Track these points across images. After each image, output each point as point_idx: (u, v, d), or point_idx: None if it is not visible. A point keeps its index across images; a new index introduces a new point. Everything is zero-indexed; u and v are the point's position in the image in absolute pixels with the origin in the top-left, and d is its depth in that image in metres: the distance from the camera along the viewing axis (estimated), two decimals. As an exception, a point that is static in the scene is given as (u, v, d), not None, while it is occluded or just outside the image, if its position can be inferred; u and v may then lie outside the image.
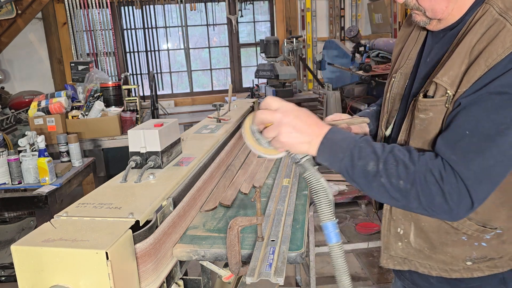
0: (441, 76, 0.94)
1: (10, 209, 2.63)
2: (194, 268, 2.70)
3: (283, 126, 0.92)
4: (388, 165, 0.89)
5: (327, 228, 0.94)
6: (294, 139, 0.93)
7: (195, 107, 5.64)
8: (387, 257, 1.15)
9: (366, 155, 0.91)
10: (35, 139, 2.43)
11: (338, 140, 0.94)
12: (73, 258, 0.80)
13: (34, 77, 5.19)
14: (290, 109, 0.94)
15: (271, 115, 0.93)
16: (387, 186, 0.90)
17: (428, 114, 0.96)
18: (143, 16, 5.41)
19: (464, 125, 0.89)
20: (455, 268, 1.06)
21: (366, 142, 0.93)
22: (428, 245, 1.07)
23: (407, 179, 0.88)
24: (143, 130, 1.26)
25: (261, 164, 1.81)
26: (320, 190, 0.94)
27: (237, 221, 1.01)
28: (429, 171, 0.88)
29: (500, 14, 0.91)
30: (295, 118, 0.93)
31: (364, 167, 0.91)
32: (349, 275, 0.93)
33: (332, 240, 0.93)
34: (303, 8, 5.65)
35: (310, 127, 0.94)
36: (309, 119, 0.95)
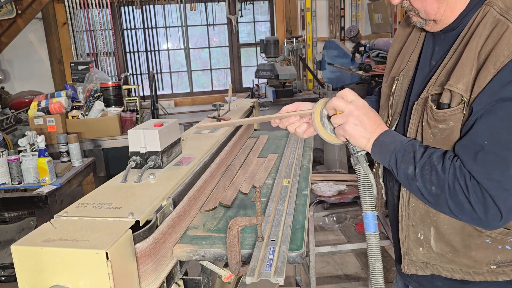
0: (455, 84, 0.94)
1: (10, 209, 2.62)
2: (194, 268, 2.70)
3: (351, 117, 1.01)
4: (424, 171, 0.95)
5: (367, 217, 1.05)
6: (357, 132, 1.02)
7: (195, 107, 5.64)
8: (408, 263, 1.13)
9: (408, 159, 0.98)
10: (35, 139, 2.43)
11: (387, 142, 1.02)
12: (73, 258, 0.80)
13: (34, 77, 5.19)
14: (362, 105, 1.02)
15: (345, 104, 1.02)
16: (423, 190, 0.96)
17: (448, 124, 0.97)
18: (143, 16, 5.41)
19: (482, 135, 0.89)
20: (479, 271, 1.04)
21: (411, 146, 0.99)
22: (450, 249, 1.06)
23: (438, 186, 0.93)
24: (143, 130, 1.26)
25: (261, 164, 1.81)
26: (366, 184, 1.05)
27: (237, 221, 1.01)
28: (457, 179, 0.91)
29: (502, 15, 0.90)
30: (364, 114, 1.01)
31: (405, 170, 0.98)
32: (382, 264, 1.03)
33: (370, 229, 1.04)
34: (303, 8, 5.65)
35: (374, 126, 1.03)
36: (375, 118, 1.04)
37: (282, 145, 2.10)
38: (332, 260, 3.19)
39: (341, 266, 3.12)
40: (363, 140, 1.02)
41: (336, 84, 4.71)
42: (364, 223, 1.05)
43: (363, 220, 1.05)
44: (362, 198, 1.05)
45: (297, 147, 2.00)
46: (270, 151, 2.02)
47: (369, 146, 1.03)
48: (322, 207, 3.82)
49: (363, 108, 1.02)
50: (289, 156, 1.87)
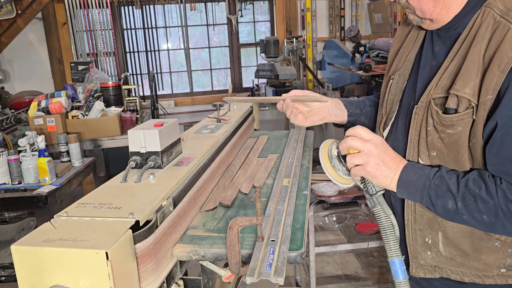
0: (462, 88, 0.93)
1: (10, 209, 2.63)
2: (194, 268, 2.70)
3: (373, 157, 0.97)
4: (467, 202, 0.91)
5: (394, 264, 0.99)
6: (380, 172, 0.98)
7: (195, 107, 5.65)
8: (416, 266, 1.12)
9: (442, 194, 0.94)
10: (35, 139, 2.43)
11: (413, 181, 0.97)
12: (73, 258, 0.80)
13: (34, 77, 5.19)
14: (381, 142, 0.99)
15: (363, 144, 0.98)
16: (471, 222, 0.93)
17: (456, 129, 0.95)
18: (143, 16, 5.41)
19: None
20: (489, 274, 1.04)
21: (442, 180, 0.95)
22: (460, 253, 1.05)
23: (489, 213, 0.90)
24: (143, 130, 1.26)
25: (261, 164, 1.81)
26: (388, 227, 0.99)
27: (237, 221, 1.01)
28: (510, 202, 0.88)
29: (502, 16, 0.90)
30: (384, 152, 0.98)
31: (444, 206, 0.94)
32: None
33: (400, 277, 0.99)
34: (303, 8, 5.65)
35: (395, 164, 0.99)
36: (395, 155, 1.00)
37: (282, 145, 2.10)
38: (332, 260, 3.19)
39: (341, 266, 3.12)
40: (386, 180, 0.98)
41: (336, 84, 4.71)
42: (392, 270, 0.99)
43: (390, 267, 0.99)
44: (387, 243, 0.99)
45: (297, 147, 2.00)
46: (270, 151, 2.02)
47: (393, 186, 0.99)
48: (322, 207, 3.82)
49: (382, 145, 0.98)
50: (289, 156, 1.87)
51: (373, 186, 1.01)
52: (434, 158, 1.01)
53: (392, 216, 1.00)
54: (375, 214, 1.02)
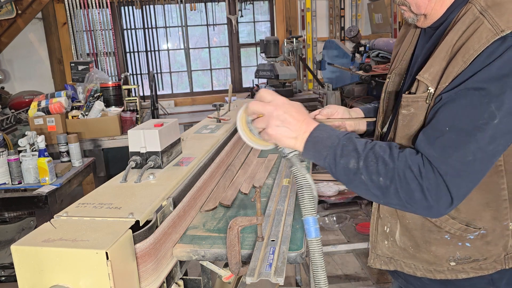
0: (422, 73, 0.96)
1: (10, 209, 2.63)
2: (194, 268, 2.70)
3: (272, 119, 0.94)
4: (368, 162, 0.91)
5: (308, 222, 0.95)
6: (282, 133, 0.95)
7: (195, 107, 5.64)
8: (374, 257, 1.16)
9: (347, 153, 0.93)
10: (35, 139, 2.43)
11: (322, 138, 0.95)
12: (73, 258, 0.80)
13: (34, 77, 5.18)
14: (282, 103, 0.96)
15: (263, 107, 0.95)
16: (368, 183, 0.91)
17: (409, 110, 0.98)
18: (143, 16, 5.41)
19: (444, 122, 0.89)
20: (439, 268, 1.06)
21: (349, 140, 0.94)
22: (412, 243, 1.08)
23: (386, 176, 0.90)
24: (143, 130, 1.26)
25: (261, 164, 1.81)
26: (304, 186, 0.95)
27: (237, 221, 1.01)
28: (408, 167, 0.89)
29: (481, 12, 0.92)
30: (284, 113, 0.95)
31: (345, 165, 0.93)
32: (325, 271, 0.95)
33: (312, 235, 0.95)
34: (303, 8, 5.65)
35: (298, 123, 0.96)
36: (299, 115, 0.96)
37: (282, 145, 2.10)
38: (332, 260, 3.19)
39: (341, 266, 3.12)
40: (290, 140, 0.96)
41: (336, 84, 4.71)
42: (306, 229, 0.96)
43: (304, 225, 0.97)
44: (302, 201, 0.96)
45: (297, 147, 2.00)
46: (270, 151, 2.02)
47: (299, 145, 0.96)
48: (322, 207, 3.82)
49: (282, 106, 0.95)
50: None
51: (284, 148, 0.98)
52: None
53: (308, 175, 0.96)
54: (292, 173, 0.99)
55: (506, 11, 0.90)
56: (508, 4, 0.91)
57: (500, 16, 0.89)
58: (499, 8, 0.91)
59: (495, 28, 0.88)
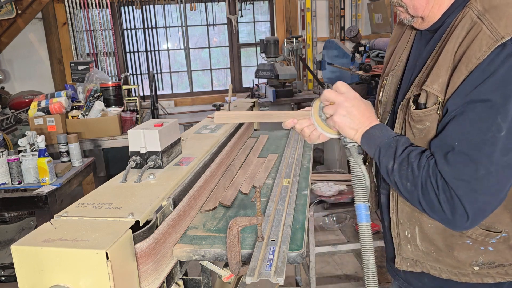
0: (431, 84, 0.96)
1: (10, 209, 2.63)
2: (194, 268, 2.70)
3: (340, 107, 1.03)
4: (402, 167, 0.97)
5: (359, 209, 1.06)
6: (345, 122, 1.03)
7: (195, 107, 5.64)
8: (400, 259, 1.16)
9: (389, 154, 0.99)
10: (35, 139, 2.43)
11: (375, 136, 1.02)
12: (73, 258, 0.80)
13: (34, 77, 5.18)
14: (353, 97, 1.04)
15: (336, 96, 1.04)
16: (399, 185, 0.98)
17: (425, 124, 0.98)
18: (143, 16, 5.41)
19: (452, 136, 0.91)
20: (464, 272, 1.05)
21: (395, 142, 1.00)
22: (434, 248, 1.07)
23: (412, 182, 0.95)
24: (143, 130, 1.26)
25: (261, 164, 1.81)
26: (358, 175, 1.06)
27: (237, 221, 1.01)
28: (429, 177, 0.92)
29: (478, 17, 0.92)
30: (352, 106, 1.03)
31: (386, 164, 1.00)
32: (374, 253, 1.05)
33: (362, 220, 1.05)
34: (303, 8, 5.65)
35: (363, 118, 1.04)
36: (365, 111, 1.04)
37: (282, 145, 2.10)
38: (332, 260, 3.19)
39: (341, 266, 3.12)
40: (351, 131, 1.04)
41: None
42: (357, 214, 1.06)
43: (356, 211, 1.07)
44: (355, 189, 1.06)
45: (297, 147, 2.00)
46: (270, 151, 2.02)
47: (358, 137, 1.04)
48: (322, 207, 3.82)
49: (353, 99, 1.03)
50: (289, 156, 1.87)
51: (345, 138, 1.07)
52: None
53: (362, 167, 1.06)
54: (349, 162, 1.08)
55: (504, 15, 0.89)
56: (505, 7, 0.90)
57: (498, 20, 0.89)
58: (496, 11, 0.90)
59: (494, 35, 0.87)
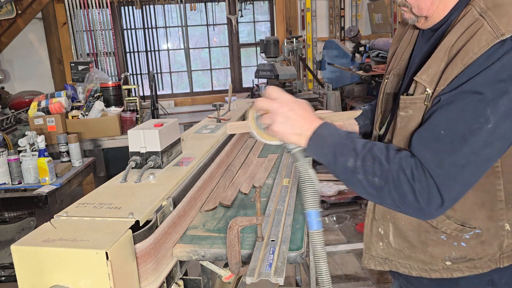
0: (420, 75, 0.95)
1: (10, 209, 2.63)
2: (194, 268, 2.70)
3: (277, 115, 0.97)
4: (366, 162, 0.92)
5: (310, 215, 0.98)
6: (286, 130, 0.97)
7: (195, 107, 5.64)
8: (368, 258, 1.16)
9: (347, 151, 0.94)
10: (35, 139, 2.43)
11: (325, 136, 0.97)
12: (73, 258, 0.80)
13: (34, 77, 5.18)
14: (287, 100, 0.98)
15: (269, 103, 0.98)
16: (364, 183, 0.93)
17: (407, 112, 0.98)
18: (143, 16, 5.41)
19: (439, 124, 0.90)
20: (434, 268, 1.06)
21: (350, 139, 0.96)
22: (408, 245, 1.08)
23: (381, 177, 0.91)
24: (143, 130, 1.26)
25: (261, 164, 1.81)
26: (307, 180, 0.98)
27: (237, 221, 1.01)
28: (401, 169, 0.90)
29: (480, 14, 0.92)
30: (289, 110, 0.97)
31: (344, 163, 0.94)
32: (327, 263, 0.97)
33: (314, 227, 0.97)
34: (303, 8, 5.65)
35: (302, 120, 0.98)
36: (303, 113, 0.99)
37: (282, 145, 2.10)
38: (332, 260, 3.19)
39: (341, 266, 3.12)
40: (294, 137, 0.98)
41: (336, 84, 4.71)
42: (307, 221, 0.99)
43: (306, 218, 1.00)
44: (304, 195, 0.99)
45: (297, 147, 2.00)
46: (270, 151, 2.02)
47: (303, 141, 0.98)
48: (322, 207, 3.82)
49: (287, 103, 0.97)
50: (289, 156, 1.87)
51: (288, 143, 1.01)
52: None
53: (311, 171, 0.99)
54: (296, 168, 1.03)
55: (507, 13, 0.89)
56: (508, 5, 0.90)
57: (500, 18, 0.89)
58: (499, 9, 0.90)
59: (495, 31, 0.87)
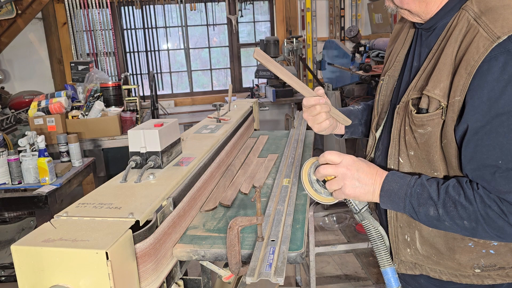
0: (432, 89, 0.95)
1: (10, 209, 2.62)
2: (194, 268, 2.70)
3: (347, 179, 0.99)
4: (448, 209, 0.92)
5: (387, 273, 1.03)
6: (359, 192, 1.00)
7: (195, 107, 5.64)
8: (398, 262, 1.15)
9: (424, 201, 0.94)
10: (35, 139, 2.43)
11: (394, 190, 0.98)
12: (73, 258, 0.80)
13: (34, 77, 5.18)
14: (352, 162, 1.00)
15: (335, 169, 1.00)
16: (454, 227, 0.93)
17: (426, 129, 0.97)
18: (143, 16, 5.41)
19: (492, 156, 0.88)
20: (465, 274, 1.05)
21: (422, 187, 0.96)
22: (435, 251, 1.07)
23: (470, 219, 0.90)
24: (143, 130, 1.26)
25: (261, 164, 1.81)
26: (377, 238, 1.03)
27: (237, 221, 1.01)
28: (488, 207, 0.88)
29: (475, 19, 0.92)
30: (357, 171, 0.99)
31: (426, 213, 0.95)
32: None
33: (393, 285, 1.03)
34: (303, 8, 5.65)
35: (372, 178, 1.00)
36: (370, 169, 1.01)
37: (282, 145, 2.10)
38: (332, 260, 3.19)
39: (341, 266, 3.12)
40: (367, 196, 1.01)
41: (336, 84, 4.71)
42: (385, 279, 1.03)
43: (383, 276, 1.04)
44: (378, 253, 1.03)
45: (297, 147, 2.00)
46: (270, 151, 2.02)
47: (376, 198, 1.01)
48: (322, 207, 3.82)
49: (353, 165, 1.00)
50: (289, 156, 1.87)
51: (356, 205, 1.04)
52: (412, 158, 1.03)
53: (380, 228, 1.04)
54: (364, 227, 1.06)
55: (500, 17, 0.89)
56: (501, 9, 0.90)
57: (494, 22, 0.89)
58: (492, 13, 0.90)
59: (490, 36, 0.87)
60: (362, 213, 1.04)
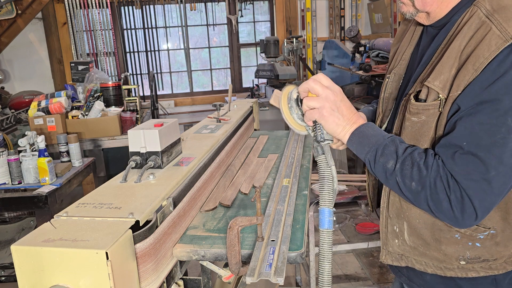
0: (432, 80, 0.95)
1: (10, 209, 2.62)
2: (194, 268, 2.70)
3: (329, 102, 0.98)
4: (404, 166, 0.94)
5: (323, 213, 0.99)
6: (334, 118, 0.99)
7: (195, 107, 5.64)
8: (386, 253, 1.17)
9: (388, 153, 0.96)
10: (35, 139, 2.43)
11: (368, 135, 0.99)
12: (73, 258, 0.80)
13: (34, 77, 5.18)
14: (339, 91, 1.01)
15: (322, 88, 0.99)
16: (401, 185, 0.95)
17: (420, 118, 0.98)
18: (143, 16, 5.41)
19: (461, 136, 0.90)
20: (449, 266, 1.07)
21: (392, 142, 0.98)
22: (422, 242, 1.09)
23: (418, 182, 0.92)
24: (143, 130, 1.26)
25: (261, 164, 1.81)
26: (326, 177, 0.99)
27: (237, 221, 1.01)
28: (439, 177, 0.90)
29: (487, 17, 0.92)
30: (341, 101, 1.00)
31: (384, 164, 0.97)
32: (331, 262, 0.99)
33: (324, 226, 0.99)
34: (303, 8, 5.65)
35: (350, 115, 1.00)
36: (351, 108, 1.02)
37: (282, 145, 2.10)
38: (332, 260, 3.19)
39: (341, 266, 3.12)
40: (338, 127, 0.99)
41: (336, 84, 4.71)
42: (319, 218, 1.00)
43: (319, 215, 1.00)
44: (321, 192, 0.99)
45: (297, 147, 2.00)
46: (270, 151, 2.02)
47: (344, 134, 1.00)
48: (322, 207, 3.82)
49: (340, 94, 1.00)
50: (289, 156, 1.87)
51: (323, 133, 1.01)
52: None
53: (333, 168, 1.00)
54: (318, 162, 1.02)
55: None
56: None
57: (507, 21, 0.89)
58: (505, 12, 0.90)
59: (504, 35, 0.87)
60: (324, 145, 1.00)
